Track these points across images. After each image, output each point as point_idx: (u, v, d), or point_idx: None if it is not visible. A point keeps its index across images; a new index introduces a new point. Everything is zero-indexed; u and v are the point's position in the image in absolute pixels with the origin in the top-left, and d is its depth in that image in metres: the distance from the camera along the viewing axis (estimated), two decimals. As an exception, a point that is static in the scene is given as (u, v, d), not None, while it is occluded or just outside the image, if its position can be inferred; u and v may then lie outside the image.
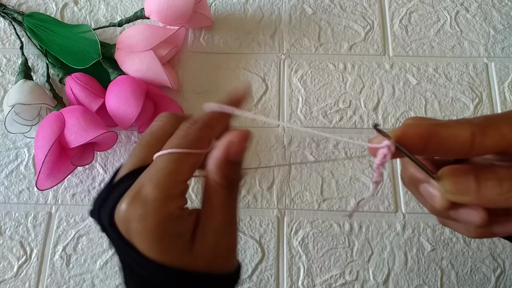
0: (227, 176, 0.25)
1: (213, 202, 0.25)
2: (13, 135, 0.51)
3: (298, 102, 0.52)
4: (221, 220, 0.25)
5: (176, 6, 0.50)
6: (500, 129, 0.21)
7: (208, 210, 0.25)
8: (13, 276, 0.46)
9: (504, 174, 0.21)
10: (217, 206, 0.25)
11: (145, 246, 0.23)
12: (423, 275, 0.45)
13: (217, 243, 0.25)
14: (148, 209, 0.22)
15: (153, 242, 0.23)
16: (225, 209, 0.25)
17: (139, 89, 0.46)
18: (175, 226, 0.23)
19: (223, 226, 0.25)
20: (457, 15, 0.56)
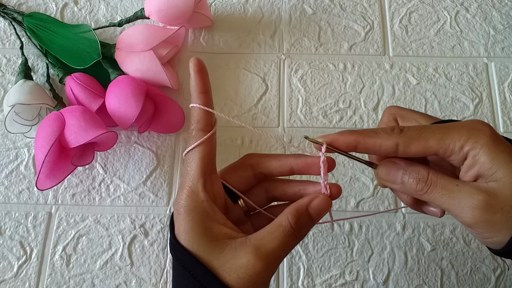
0: (301, 225, 0.28)
1: (274, 233, 0.27)
2: (13, 135, 0.51)
3: (298, 102, 0.52)
4: (272, 250, 0.27)
5: (176, 6, 0.50)
6: (426, 142, 0.26)
7: (265, 239, 0.27)
8: (13, 276, 0.46)
9: (423, 175, 0.27)
10: (278, 238, 0.27)
11: (178, 234, 0.28)
12: (423, 275, 0.45)
13: (256, 267, 0.26)
14: (180, 204, 0.28)
15: (184, 231, 0.28)
16: (284, 249, 0.27)
17: (139, 89, 0.46)
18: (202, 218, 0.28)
19: (271, 257, 0.27)
20: (457, 15, 0.56)
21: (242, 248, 0.27)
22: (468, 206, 0.25)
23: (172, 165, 0.50)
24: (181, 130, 0.51)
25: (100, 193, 0.49)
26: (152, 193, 0.49)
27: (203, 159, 0.29)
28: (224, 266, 0.27)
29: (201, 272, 0.27)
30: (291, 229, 0.27)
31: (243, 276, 0.26)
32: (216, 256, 0.27)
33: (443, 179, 0.27)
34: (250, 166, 0.32)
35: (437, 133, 0.26)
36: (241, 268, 0.26)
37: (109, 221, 0.48)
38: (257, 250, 0.27)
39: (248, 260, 0.26)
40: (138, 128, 0.48)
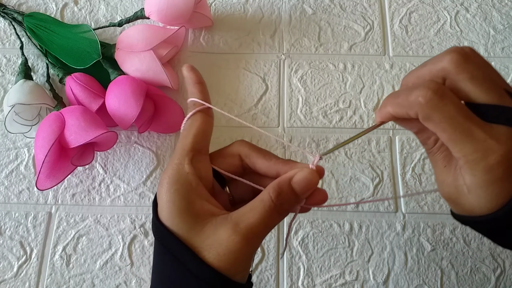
0: (283, 199, 0.27)
1: (255, 208, 0.27)
2: (13, 135, 0.51)
3: (298, 102, 0.52)
4: (252, 225, 0.26)
5: (176, 6, 0.50)
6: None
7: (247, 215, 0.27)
8: (13, 276, 0.46)
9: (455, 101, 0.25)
10: (259, 213, 0.26)
11: (160, 209, 0.28)
12: (423, 275, 0.45)
13: (235, 243, 0.26)
14: (163, 176, 0.28)
15: (165, 205, 0.27)
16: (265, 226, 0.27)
17: (139, 89, 0.46)
18: (185, 191, 0.27)
19: (251, 234, 0.26)
20: (457, 15, 0.56)
21: (222, 224, 0.26)
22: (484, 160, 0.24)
23: (172, 165, 0.50)
24: (181, 130, 0.51)
25: (100, 193, 0.49)
26: (152, 193, 0.49)
27: (196, 136, 0.30)
28: (203, 243, 0.26)
29: (181, 250, 0.26)
30: (272, 204, 0.27)
31: (222, 252, 0.26)
32: (197, 233, 0.26)
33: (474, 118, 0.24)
34: (239, 156, 0.31)
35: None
36: (221, 244, 0.26)
37: (109, 221, 0.48)
38: (237, 225, 0.26)
39: (228, 236, 0.26)
40: (138, 128, 0.48)
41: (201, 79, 0.33)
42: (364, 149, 0.50)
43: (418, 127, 0.28)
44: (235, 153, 0.31)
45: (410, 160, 0.49)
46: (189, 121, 0.31)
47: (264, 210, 0.26)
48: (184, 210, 0.27)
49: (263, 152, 0.31)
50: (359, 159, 0.49)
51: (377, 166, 0.49)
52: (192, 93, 0.32)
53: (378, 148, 0.50)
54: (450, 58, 0.25)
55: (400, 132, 0.50)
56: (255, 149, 0.31)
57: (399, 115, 0.26)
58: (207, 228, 0.27)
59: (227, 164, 0.31)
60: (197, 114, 0.31)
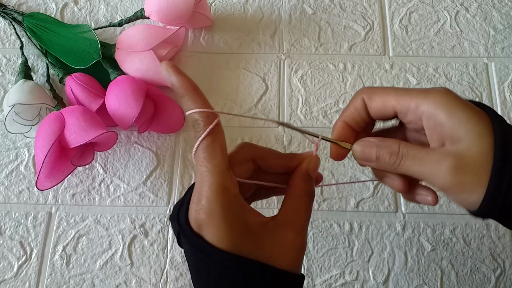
0: (310, 186, 0.31)
1: (298, 206, 0.29)
2: (13, 135, 0.51)
3: (298, 102, 0.52)
4: (304, 223, 0.29)
5: (176, 6, 0.50)
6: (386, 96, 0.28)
7: (293, 213, 0.29)
8: (13, 276, 0.46)
9: (394, 149, 0.28)
10: (302, 209, 0.29)
11: (216, 237, 0.26)
12: (423, 275, 0.45)
13: (299, 242, 0.28)
14: (212, 205, 0.26)
15: (221, 231, 0.26)
16: (308, 213, 0.30)
17: (139, 89, 0.46)
18: (238, 214, 0.27)
19: (304, 227, 0.29)
20: (457, 15, 0.56)
21: (278, 231, 0.28)
22: (439, 172, 0.26)
23: (172, 165, 0.50)
24: (181, 130, 0.51)
25: (100, 193, 0.49)
26: (152, 193, 0.49)
27: (223, 152, 0.28)
28: (273, 254, 0.27)
29: (263, 270, 0.26)
30: (308, 196, 0.30)
31: (293, 255, 0.28)
32: (261, 248, 0.27)
33: (413, 149, 0.28)
34: (252, 160, 0.31)
35: (398, 91, 0.28)
36: (290, 250, 0.28)
37: (109, 221, 0.48)
38: (292, 227, 0.28)
39: (292, 240, 0.28)
40: (138, 128, 0.48)
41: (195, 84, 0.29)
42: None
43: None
44: (248, 158, 0.31)
45: (410, 160, 0.49)
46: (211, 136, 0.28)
47: (305, 204, 0.30)
48: (243, 231, 0.27)
49: (272, 151, 0.32)
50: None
51: (377, 166, 0.49)
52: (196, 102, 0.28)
53: (378, 148, 0.50)
54: (361, 90, 0.31)
55: (400, 132, 0.50)
56: (266, 150, 0.32)
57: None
58: (268, 239, 0.27)
59: (244, 171, 0.31)
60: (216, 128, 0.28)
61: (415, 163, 0.27)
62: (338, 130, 0.31)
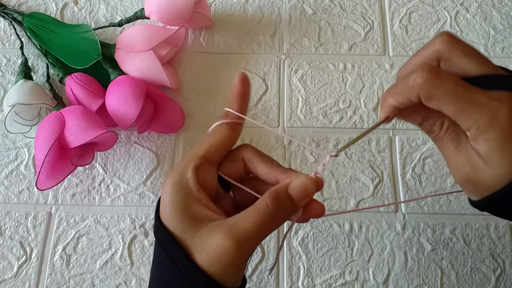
0: (279, 207, 0.27)
1: (250, 213, 0.27)
2: (13, 135, 0.51)
3: (298, 102, 0.52)
4: (244, 230, 0.26)
5: (176, 6, 0.50)
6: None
7: (241, 221, 0.27)
8: (13, 276, 0.46)
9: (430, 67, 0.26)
10: (253, 218, 0.26)
11: (161, 209, 0.28)
12: (423, 275, 0.45)
13: (226, 247, 0.26)
14: (167, 176, 0.29)
15: (165, 205, 0.28)
16: (258, 225, 0.26)
17: (139, 89, 0.46)
18: (184, 195, 0.28)
19: (243, 236, 0.26)
20: (457, 15, 0.56)
21: (217, 229, 0.27)
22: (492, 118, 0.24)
23: (172, 165, 0.50)
24: (181, 130, 0.51)
25: (100, 193, 0.49)
26: (152, 193, 0.49)
27: (213, 146, 0.30)
28: (197, 245, 0.27)
29: (174, 248, 0.27)
30: (267, 209, 0.26)
31: (213, 255, 0.26)
32: (192, 235, 0.27)
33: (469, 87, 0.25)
34: (243, 160, 0.31)
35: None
36: (212, 247, 0.26)
37: (109, 221, 0.48)
38: (230, 229, 0.26)
39: (219, 239, 0.26)
40: (138, 128, 0.48)
41: (245, 92, 0.32)
42: (364, 149, 0.50)
43: (422, 115, 0.29)
44: (240, 158, 0.31)
45: (410, 160, 0.49)
46: (214, 129, 0.31)
47: (258, 215, 0.26)
48: (182, 212, 0.27)
49: (265, 158, 0.31)
50: (359, 159, 0.49)
51: (377, 166, 0.49)
52: (230, 104, 0.32)
53: (378, 148, 0.50)
54: (442, 40, 0.27)
55: (400, 132, 0.50)
56: (258, 155, 0.31)
57: (401, 104, 0.27)
58: (202, 232, 0.27)
59: (233, 169, 0.31)
60: (223, 125, 0.31)
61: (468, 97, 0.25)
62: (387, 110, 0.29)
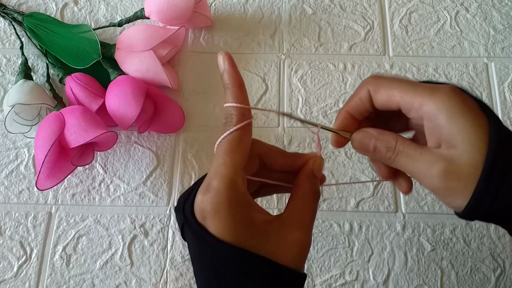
0: (316, 185, 0.31)
1: (303, 205, 0.30)
2: (13, 135, 0.51)
3: (298, 102, 0.52)
4: (309, 221, 0.29)
5: (176, 6, 0.50)
6: (392, 91, 0.28)
7: (298, 212, 0.29)
8: (13, 276, 0.46)
9: (391, 144, 0.29)
10: (307, 208, 0.30)
11: (220, 229, 0.26)
12: (423, 275, 0.45)
13: (303, 240, 0.28)
14: (220, 198, 0.26)
15: (226, 225, 0.26)
16: (313, 212, 0.30)
17: (139, 89, 0.46)
18: (244, 210, 0.27)
19: (309, 226, 0.29)
20: (457, 15, 0.56)
21: (284, 228, 0.28)
22: (429, 174, 0.26)
23: (172, 165, 0.50)
24: (181, 130, 0.51)
25: (100, 193, 0.49)
26: (152, 193, 0.49)
27: (245, 152, 0.29)
28: (277, 250, 0.27)
29: (266, 265, 0.26)
30: (313, 194, 0.30)
31: (297, 252, 0.28)
32: (265, 244, 0.27)
33: (409, 147, 0.28)
34: (259, 156, 0.31)
35: (404, 87, 0.28)
36: (293, 247, 0.28)
37: (109, 221, 0.48)
38: (298, 225, 0.28)
39: (297, 237, 0.28)
40: (138, 128, 0.48)
41: (241, 81, 0.30)
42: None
43: None
44: (255, 154, 0.31)
45: (410, 160, 0.49)
46: (239, 132, 0.28)
47: (311, 203, 0.30)
48: (248, 228, 0.27)
49: (278, 150, 0.32)
50: (359, 159, 0.49)
51: (377, 166, 0.49)
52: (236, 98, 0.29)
53: (378, 148, 0.50)
54: (364, 87, 0.30)
55: (400, 132, 0.50)
56: (272, 148, 0.32)
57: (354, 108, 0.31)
58: (272, 237, 0.27)
59: (251, 167, 0.31)
60: (247, 127, 0.29)
61: (408, 161, 0.28)
62: (341, 119, 0.32)
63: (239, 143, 0.28)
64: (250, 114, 0.29)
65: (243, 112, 0.29)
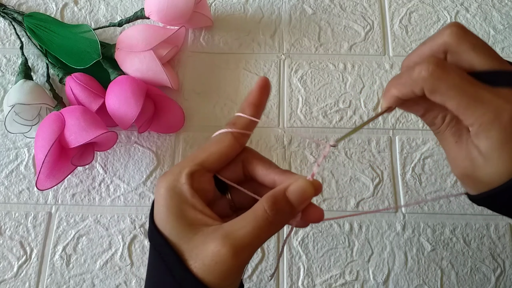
0: (278, 211, 0.26)
1: (247, 219, 0.26)
2: (13, 135, 0.51)
3: (298, 102, 0.52)
4: (241, 238, 0.25)
5: (176, 6, 0.50)
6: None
7: (238, 223, 0.26)
8: (13, 276, 0.46)
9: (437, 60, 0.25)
10: (250, 225, 0.25)
11: (155, 212, 0.27)
12: (423, 275, 0.45)
13: (222, 254, 0.25)
14: (161, 179, 0.28)
15: (158, 210, 0.27)
16: (255, 231, 0.25)
17: (139, 89, 0.46)
18: (178, 200, 0.27)
19: (240, 243, 0.25)
20: (457, 15, 0.56)
21: (212, 235, 0.25)
22: (495, 118, 0.24)
23: (172, 165, 0.50)
24: (181, 130, 0.51)
25: (100, 193, 0.49)
26: (152, 193, 0.49)
27: (213, 155, 0.28)
28: (192, 252, 0.26)
29: (168, 254, 0.26)
30: (265, 214, 0.25)
31: (208, 263, 0.25)
32: (186, 241, 0.26)
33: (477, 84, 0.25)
34: (241, 162, 0.30)
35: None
36: (207, 255, 0.25)
37: (109, 221, 0.48)
38: (226, 236, 0.25)
39: (215, 246, 0.25)
40: (138, 128, 0.48)
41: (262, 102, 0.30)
42: (364, 149, 0.50)
43: (424, 107, 0.29)
44: (239, 160, 0.30)
45: (410, 160, 0.49)
46: (218, 137, 0.29)
47: (256, 221, 0.25)
48: (177, 217, 0.26)
49: (263, 160, 0.30)
50: (359, 159, 0.49)
51: (377, 166, 0.49)
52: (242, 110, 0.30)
53: (378, 148, 0.50)
54: (450, 32, 0.26)
55: (400, 132, 0.50)
56: (257, 156, 0.30)
57: (404, 95, 0.26)
58: (198, 237, 0.26)
59: (230, 171, 0.30)
60: (228, 134, 0.28)
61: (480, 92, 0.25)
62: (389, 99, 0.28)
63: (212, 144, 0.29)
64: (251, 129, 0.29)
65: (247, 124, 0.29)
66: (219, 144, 0.29)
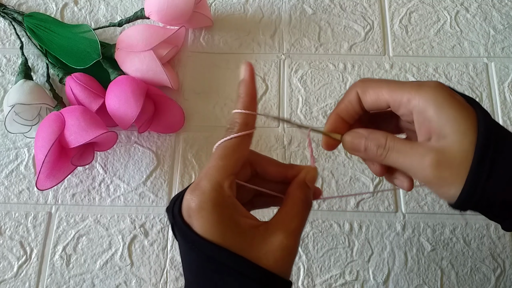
0: (307, 194, 0.31)
1: (291, 211, 0.29)
2: (13, 135, 0.51)
3: (298, 102, 0.52)
4: (295, 226, 0.29)
5: (176, 6, 0.50)
6: (380, 90, 0.29)
7: (285, 217, 0.29)
8: (13, 276, 0.46)
9: (381, 142, 0.29)
10: (296, 214, 0.29)
11: (204, 228, 0.27)
12: (423, 275, 0.45)
13: (287, 244, 0.28)
14: (205, 197, 0.27)
15: (209, 223, 0.27)
16: (301, 218, 0.29)
17: (139, 89, 0.46)
18: (229, 212, 0.27)
19: (295, 231, 0.29)
20: (457, 15, 0.56)
21: (269, 233, 0.28)
22: (421, 166, 0.27)
23: (172, 165, 0.50)
24: (181, 130, 0.51)
25: (100, 193, 0.49)
26: (152, 193, 0.49)
27: (239, 160, 0.29)
28: (259, 253, 0.27)
29: (243, 266, 0.27)
30: (302, 201, 0.30)
31: (280, 257, 0.27)
32: (249, 246, 0.27)
33: (399, 143, 0.29)
34: (250, 164, 0.32)
35: (392, 85, 0.29)
36: (276, 250, 0.27)
37: (109, 221, 0.48)
38: (283, 229, 0.28)
39: (280, 241, 0.27)
40: (138, 128, 0.48)
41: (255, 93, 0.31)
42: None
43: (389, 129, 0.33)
44: (247, 162, 0.32)
45: (410, 160, 0.49)
46: (238, 140, 0.29)
47: (302, 210, 0.30)
48: (233, 229, 0.27)
49: (270, 159, 0.33)
50: (359, 159, 0.49)
51: (377, 166, 0.49)
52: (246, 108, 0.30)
53: (378, 148, 0.50)
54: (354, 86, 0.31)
55: (400, 132, 0.50)
56: (263, 156, 0.33)
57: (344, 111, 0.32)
58: (257, 240, 0.28)
59: (242, 174, 0.32)
60: (246, 137, 0.30)
61: (399, 156, 0.28)
62: (331, 122, 0.32)
63: (235, 150, 0.29)
64: (253, 125, 0.30)
65: (247, 122, 0.30)
66: (242, 148, 0.30)
